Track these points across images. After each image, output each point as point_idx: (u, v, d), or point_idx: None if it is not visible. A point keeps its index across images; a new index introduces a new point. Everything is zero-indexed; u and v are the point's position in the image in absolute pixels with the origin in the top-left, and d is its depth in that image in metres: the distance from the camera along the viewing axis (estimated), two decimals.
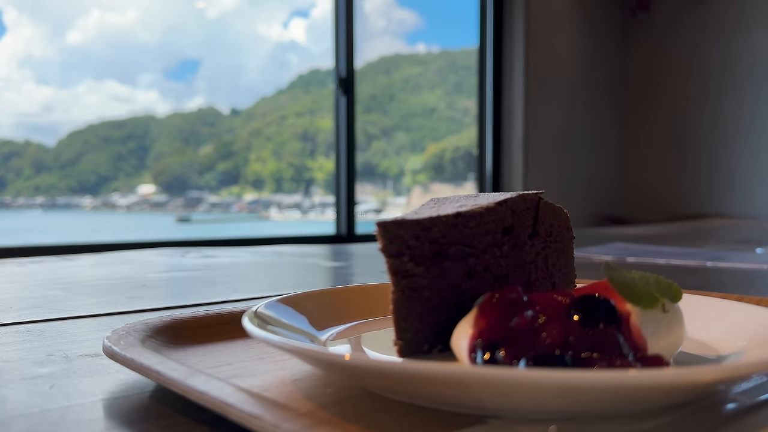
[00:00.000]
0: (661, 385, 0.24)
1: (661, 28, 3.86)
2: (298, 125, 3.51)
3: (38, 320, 0.53)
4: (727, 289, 0.66)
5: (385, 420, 0.27)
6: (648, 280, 0.30)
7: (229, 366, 0.35)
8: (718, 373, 0.26)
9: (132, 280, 0.78)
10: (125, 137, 3.23)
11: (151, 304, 0.61)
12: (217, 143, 3.38)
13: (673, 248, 1.19)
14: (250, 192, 3.48)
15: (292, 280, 0.83)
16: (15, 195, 3.00)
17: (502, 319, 0.29)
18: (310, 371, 0.34)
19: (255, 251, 1.17)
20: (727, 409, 0.29)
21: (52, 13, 3.06)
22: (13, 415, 0.30)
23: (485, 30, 3.52)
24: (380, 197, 3.63)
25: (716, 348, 0.35)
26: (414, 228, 0.34)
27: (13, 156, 3.02)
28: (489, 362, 0.28)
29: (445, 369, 0.24)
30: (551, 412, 0.26)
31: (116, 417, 0.30)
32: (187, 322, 0.42)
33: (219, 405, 0.27)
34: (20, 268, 0.91)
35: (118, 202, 3.21)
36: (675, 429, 0.26)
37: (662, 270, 0.87)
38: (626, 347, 0.27)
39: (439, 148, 3.82)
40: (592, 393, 0.24)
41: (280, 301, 0.40)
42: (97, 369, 0.37)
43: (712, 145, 3.69)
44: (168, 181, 3.33)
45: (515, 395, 0.25)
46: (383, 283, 0.43)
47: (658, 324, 0.30)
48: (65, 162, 3.13)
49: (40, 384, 0.35)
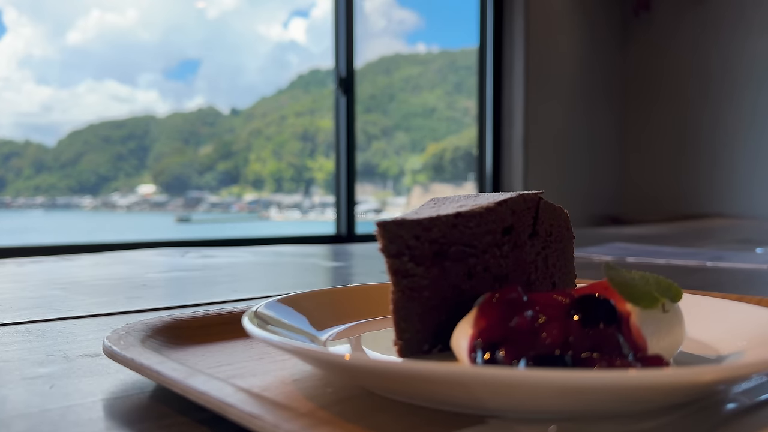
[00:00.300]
0: (661, 385, 0.24)
1: (661, 28, 3.86)
2: (298, 125, 3.51)
3: (38, 320, 0.53)
4: (727, 289, 0.66)
5: (385, 420, 0.27)
6: (648, 280, 0.30)
7: (229, 366, 0.35)
8: (718, 373, 0.26)
9: (132, 280, 0.78)
10: (125, 137, 3.23)
11: (151, 304, 0.61)
12: (217, 143, 3.38)
13: (673, 248, 1.19)
14: (250, 192, 3.48)
15: (292, 280, 0.83)
16: (15, 195, 3.00)
17: (502, 319, 0.29)
18: (310, 371, 0.34)
19: (255, 251, 1.17)
20: (727, 409, 0.29)
21: (52, 13, 3.06)
22: (13, 415, 0.30)
23: (485, 30, 3.52)
24: (380, 197, 3.63)
25: (716, 348, 0.35)
26: (414, 228, 0.34)
27: (13, 156, 3.02)
28: (489, 362, 0.28)
29: (445, 369, 0.24)
30: (551, 412, 0.26)
31: (116, 417, 0.30)
32: (187, 322, 0.42)
33: (219, 405, 0.27)
34: (20, 268, 0.91)
35: (118, 202, 3.21)
36: (675, 429, 0.26)
37: (662, 270, 0.87)
38: (626, 347, 0.27)
39: (439, 148, 3.82)
40: (592, 393, 0.24)
41: (280, 301, 0.40)
42: (97, 369, 0.37)
43: (712, 146, 3.69)
44: (168, 181, 3.33)
45: (515, 395, 0.25)
46: (383, 283, 0.43)
47: (658, 324, 0.30)
48: (65, 162, 3.13)
49: (40, 384, 0.35)
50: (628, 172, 4.02)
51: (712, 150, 3.69)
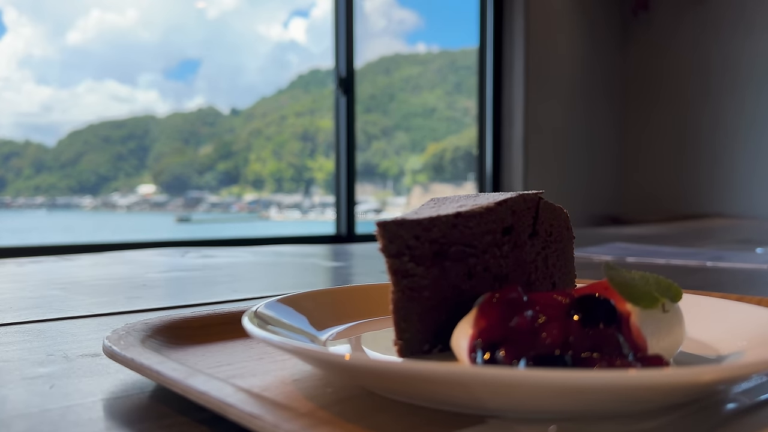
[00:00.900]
0: (661, 385, 0.24)
1: (661, 28, 3.86)
2: (298, 125, 3.51)
3: (38, 320, 0.53)
4: (727, 289, 0.66)
5: (385, 420, 0.27)
6: (648, 280, 0.30)
7: (229, 366, 0.35)
8: (718, 373, 0.26)
9: (132, 280, 0.78)
10: (125, 137, 3.23)
11: (151, 304, 0.61)
12: (217, 143, 3.38)
13: (673, 248, 1.19)
14: (250, 192, 3.48)
15: (292, 280, 0.83)
16: (15, 195, 3.00)
17: (502, 319, 0.29)
18: (310, 371, 0.34)
19: (255, 251, 1.17)
20: (727, 409, 0.29)
21: (52, 13, 3.06)
22: (13, 415, 0.30)
23: (485, 30, 3.52)
24: (380, 197, 3.63)
25: (716, 348, 0.35)
26: (414, 228, 0.34)
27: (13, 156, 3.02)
28: (489, 362, 0.28)
29: (445, 369, 0.24)
30: (551, 412, 0.26)
31: (116, 417, 0.30)
32: (187, 322, 0.42)
33: (219, 405, 0.27)
34: (20, 268, 0.91)
35: (118, 202, 3.21)
36: (675, 429, 0.26)
37: (662, 270, 0.87)
38: (626, 347, 0.27)
39: (439, 148, 3.82)
40: (592, 393, 0.24)
41: (280, 301, 0.40)
42: (97, 369, 0.37)
43: (712, 145, 3.69)
44: (168, 181, 3.33)
45: (515, 395, 0.25)
46: (383, 283, 0.43)
47: (658, 324, 0.30)
48: (65, 162, 3.13)
49: (40, 384, 0.35)
50: (628, 172, 4.02)
51: (712, 150, 3.69)
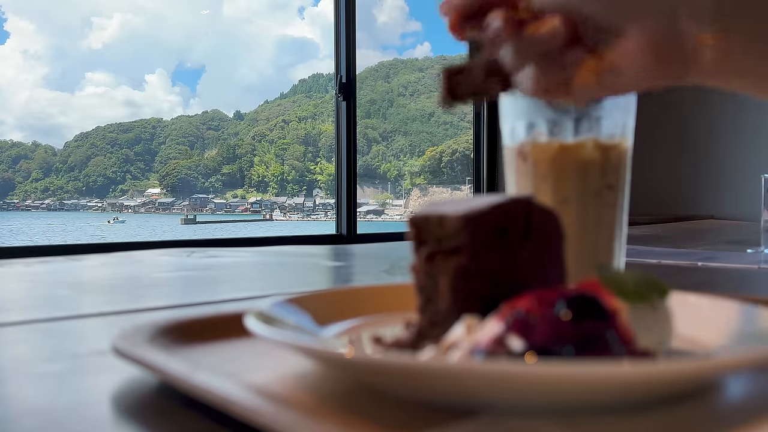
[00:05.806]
0: (650, 376, 0.25)
1: None
2: (300, 129, 3.52)
3: (46, 319, 0.53)
4: (719, 289, 0.67)
5: (387, 415, 0.28)
6: (638, 277, 0.31)
7: (234, 363, 0.36)
8: (705, 365, 0.27)
9: (139, 280, 0.79)
10: (132, 140, 3.24)
11: (158, 302, 0.61)
12: (222, 147, 3.40)
13: (664, 248, 1.19)
14: (254, 194, 3.49)
15: (294, 279, 0.84)
16: (23, 197, 3.02)
17: (495, 318, 0.29)
18: (312, 368, 0.35)
19: (259, 251, 1.18)
20: (726, 408, 0.30)
21: (60, 17, 3.08)
22: (21, 411, 0.30)
23: None
24: (380, 199, 3.64)
25: (705, 344, 0.36)
26: None
27: (21, 158, 3.04)
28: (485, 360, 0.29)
29: (444, 364, 0.25)
30: (542, 405, 0.27)
31: (123, 413, 0.30)
32: (192, 320, 0.42)
33: (223, 401, 0.27)
34: (28, 268, 0.92)
35: (126, 203, 3.23)
36: (674, 428, 0.26)
37: (654, 270, 0.88)
38: (616, 343, 0.28)
39: (437, 151, 3.83)
40: (582, 385, 0.25)
41: (284, 300, 0.41)
42: (105, 366, 0.38)
43: (708, 147, 3.68)
44: (174, 184, 3.34)
45: (508, 389, 0.26)
46: (384, 284, 0.44)
47: (648, 321, 0.31)
48: (73, 164, 3.14)
49: (49, 381, 0.35)
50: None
51: (708, 151, 3.67)
